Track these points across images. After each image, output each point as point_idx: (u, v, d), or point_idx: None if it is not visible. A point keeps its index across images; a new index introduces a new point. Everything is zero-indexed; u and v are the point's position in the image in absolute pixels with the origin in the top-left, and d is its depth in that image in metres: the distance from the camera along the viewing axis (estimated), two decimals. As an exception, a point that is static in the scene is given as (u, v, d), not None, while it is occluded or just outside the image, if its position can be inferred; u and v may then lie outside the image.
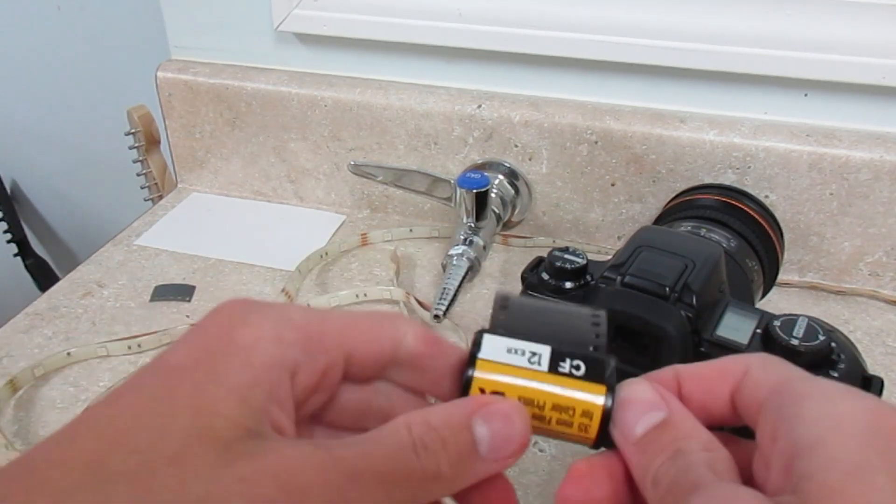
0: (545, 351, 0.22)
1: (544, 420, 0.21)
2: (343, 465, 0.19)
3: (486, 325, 0.23)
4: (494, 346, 0.22)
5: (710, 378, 0.23)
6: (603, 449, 0.22)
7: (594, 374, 0.22)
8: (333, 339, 0.22)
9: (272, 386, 0.20)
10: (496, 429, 0.20)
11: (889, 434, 0.18)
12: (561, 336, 0.22)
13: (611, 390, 0.21)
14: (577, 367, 0.21)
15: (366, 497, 0.19)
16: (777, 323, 0.38)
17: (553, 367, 0.21)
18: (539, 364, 0.21)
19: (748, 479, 0.20)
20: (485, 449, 0.20)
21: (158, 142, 0.80)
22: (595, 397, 0.21)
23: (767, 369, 0.22)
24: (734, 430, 0.23)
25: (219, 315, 0.22)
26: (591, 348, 0.22)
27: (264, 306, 0.22)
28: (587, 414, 0.21)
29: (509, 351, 0.22)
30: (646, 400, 0.22)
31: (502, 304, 0.23)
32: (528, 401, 0.21)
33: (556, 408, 0.21)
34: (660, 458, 0.20)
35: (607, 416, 0.21)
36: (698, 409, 0.22)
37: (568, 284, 0.43)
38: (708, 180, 0.60)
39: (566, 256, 0.43)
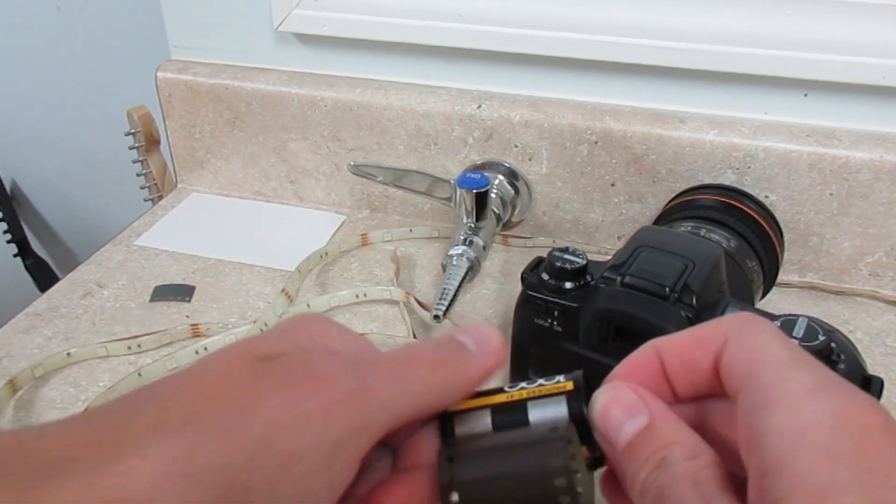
0: (517, 384, 0.23)
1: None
2: (361, 361, 0.21)
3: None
4: None
5: (689, 349, 0.22)
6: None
7: (565, 378, 0.23)
8: (381, 416, 0.21)
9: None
10: (475, 335, 0.23)
11: (855, 437, 0.17)
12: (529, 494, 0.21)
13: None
14: (550, 379, 0.23)
15: (385, 384, 0.21)
16: (777, 323, 0.38)
17: (522, 386, 0.23)
18: (512, 388, 0.23)
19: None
20: (473, 347, 0.23)
21: (158, 142, 0.80)
22: (566, 384, 0.23)
23: (744, 344, 0.21)
24: None
25: (299, 316, 0.24)
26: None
27: (332, 322, 0.24)
28: (559, 387, 0.23)
29: None
30: (626, 403, 0.21)
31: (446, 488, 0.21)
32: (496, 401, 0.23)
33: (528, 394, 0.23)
34: (645, 468, 0.20)
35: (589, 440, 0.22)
36: (684, 383, 0.22)
37: (568, 284, 0.43)
38: (708, 180, 0.60)
39: (566, 256, 0.43)
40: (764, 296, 0.55)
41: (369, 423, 0.20)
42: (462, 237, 0.60)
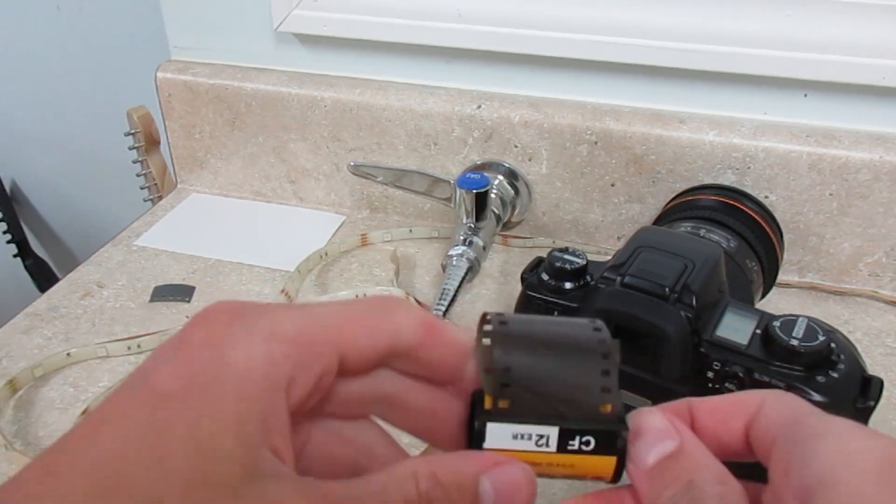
0: (552, 432, 0.21)
1: (555, 477, 0.21)
2: None
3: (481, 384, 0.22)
4: (498, 435, 0.21)
5: (724, 411, 0.23)
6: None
7: (605, 448, 0.21)
8: (327, 343, 0.21)
9: (267, 413, 0.19)
10: (502, 492, 0.20)
11: None
12: (567, 399, 0.21)
13: (621, 455, 0.21)
14: (587, 443, 0.21)
15: None
16: (777, 323, 0.38)
17: (562, 447, 0.21)
18: (547, 445, 0.21)
19: None
20: None
21: (158, 142, 0.80)
22: (606, 466, 0.21)
23: (782, 405, 0.22)
24: (746, 466, 0.22)
25: (205, 328, 0.20)
26: (600, 411, 0.21)
27: (251, 316, 0.21)
28: (598, 477, 0.21)
29: (515, 437, 0.21)
30: (658, 429, 0.22)
31: (502, 374, 0.21)
32: (537, 471, 0.21)
33: (566, 476, 0.21)
34: (671, 489, 0.20)
35: (622, 462, 0.21)
36: (711, 441, 0.22)
37: (568, 285, 0.43)
38: (708, 181, 0.60)
39: (566, 257, 0.43)
40: (764, 296, 0.55)
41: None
42: (462, 237, 0.60)
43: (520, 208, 0.66)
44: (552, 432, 0.20)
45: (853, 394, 0.36)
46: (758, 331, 0.39)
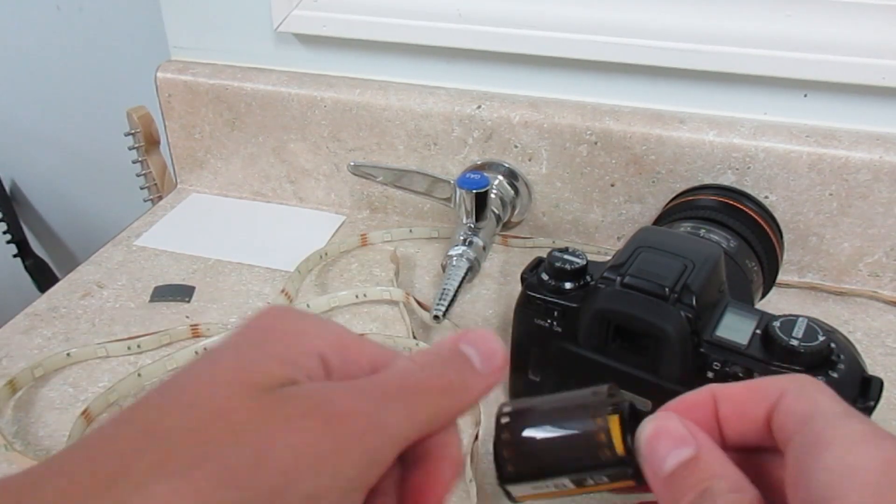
0: (566, 481, 0.23)
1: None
2: (370, 393, 0.21)
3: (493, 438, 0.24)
4: (521, 489, 0.24)
5: (746, 399, 0.23)
6: None
7: (619, 478, 0.22)
8: (364, 357, 0.23)
9: (309, 367, 0.21)
10: (481, 347, 0.23)
11: None
12: (570, 455, 0.23)
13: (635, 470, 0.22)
14: (601, 480, 0.23)
15: (395, 415, 0.20)
16: (777, 323, 0.38)
17: (580, 485, 0.23)
18: (566, 486, 0.23)
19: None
20: (478, 363, 0.23)
21: (158, 142, 0.80)
22: (626, 485, 0.23)
23: (801, 397, 0.21)
24: None
25: (266, 312, 0.23)
26: (600, 455, 0.23)
27: (310, 313, 0.23)
28: (622, 491, 0.23)
29: (535, 488, 0.24)
30: (675, 435, 0.22)
31: (507, 448, 0.24)
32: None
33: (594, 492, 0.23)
34: (687, 496, 0.20)
35: (638, 477, 0.22)
36: (735, 430, 0.22)
37: (567, 285, 0.43)
38: (707, 181, 0.60)
39: (566, 257, 0.43)
40: (764, 296, 0.55)
41: (382, 456, 0.20)
42: (462, 237, 0.60)
43: (520, 208, 0.66)
44: (567, 481, 0.23)
45: (853, 394, 0.36)
46: (758, 331, 0.39)
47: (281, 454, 0.18)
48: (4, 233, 1.18)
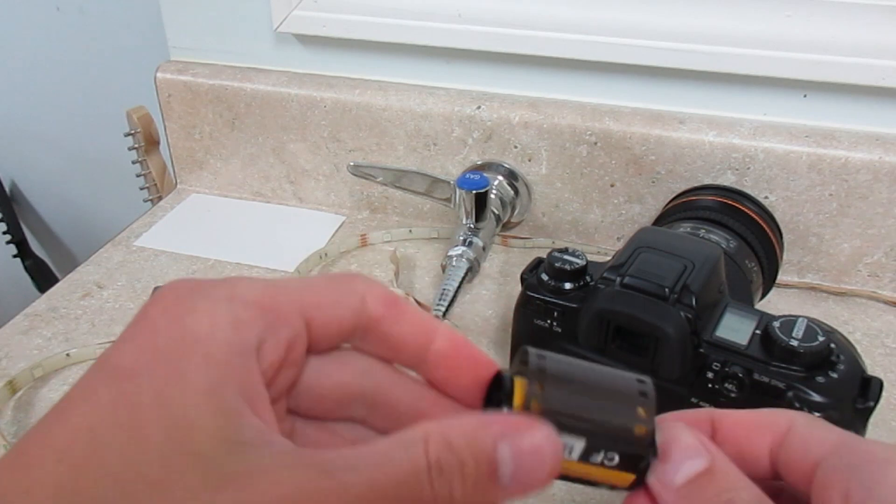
0: (579, 443, 0.20)
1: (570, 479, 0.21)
2: (346, 494, 0.16)
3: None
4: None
5: (748, 427, 0.22)
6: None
7: (627, 467, 0.20)
8: (291, 307, 0.20)
9: (241, 379, 0.18)
10: (523, 461, 0.18)
11: None
12: (601, 412, 0.20)
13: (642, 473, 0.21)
14: (611, 459, 0.20)
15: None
16: (776, 324, 0.38)
17: (584, 458, 0.20)
18: (570, 455, 0.20)
19: None
20: (507, 479, 0.18)
21: (158, 143, 0.80)
22: (622, 480, 0.21)
23: (817, 429, 0.21)
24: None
25: (163, 302, 0.19)
26: (633, 431, 0.20)
27: (210, 286, 0.20)
28: (613, 487, 0.21)
29: None
30: (687, 446, 0.20)
31: (538, 374, 0.20)
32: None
33: (578, 479, 0.21)
34: None
35: (640, 480, 0.21)
36: (732, 459, 0.21)
37: (567, 285, 0.43)
38: (707, 181, 0.60)
39: (565, 257, 0.43)
40: (763, 296, 0.55)
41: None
42: (461, 238, 0.60)
43: (519, 209, 0.66)
44: (578, 443, 0.20)
45: (853, 394, 0.36)
46: (757, 331, 0.39)
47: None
48: (4, 233, 1.18)
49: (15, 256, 1.19)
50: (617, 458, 0.20)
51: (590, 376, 0.21)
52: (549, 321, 0.43)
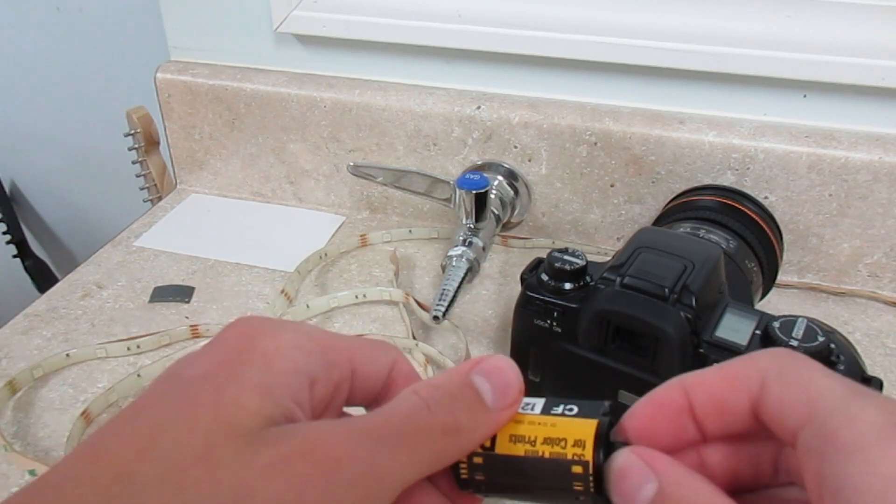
0: (539, 401, 0.22)
1: (536, 453, 0.21)
2: (367, 434, 0.19)
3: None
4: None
5: (721, 389, 0.21)
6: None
7: (588, 412, 0.21)
8: (344, 354, 0.22)
9: (293, 389, 0.20)
10: (494, 380, 0.21)
11: None
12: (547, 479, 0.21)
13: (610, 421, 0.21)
14: (571, 409, 0.22)
15: (394, 460, 0.19)
16: (776, 324, 0.38)
17: (546, 410, 0.22)
18: (532, 409, 0.22)
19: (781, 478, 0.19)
20: (490, 399, 0.21)
21: (157, 143, 0.80)
22: (588, 427, 0.21)
23: (788, 382, 0.19)
24: None
25: (237, 327, 0.22)
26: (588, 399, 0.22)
27: (279, 320, 0.23)
28: (579, 443, 0.21)
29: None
30: (632, 471, 0.20)
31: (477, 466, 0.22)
32: (519, 437, 0.21)
33: (547, 442, 0.21)
34: None
35: (605, 434, 0.21)
36: (715, 424, 0.21)
37: (567, 285, 0.43)
38: (707, 181, 0.60)
39: (565, 257, 0.43)
40: (763, 297, 0.55)
41: (380, 497, 0.19)
42: (461, 238, 0.60)
43: (519, 209, 0.66)
44: (538, 401, 0.22)
45: (853, 394, 0.36)
46: (757, 331, 0.39)
47: (263, 503, 0.17)
48: (4, 233, 1.18)
49: (15, 256, 1.19)
50: (576, 409, 0.22)
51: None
52: (549, 321, 0.43)
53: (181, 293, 0.61)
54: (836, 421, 0.18)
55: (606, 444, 0.21)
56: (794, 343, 0.36)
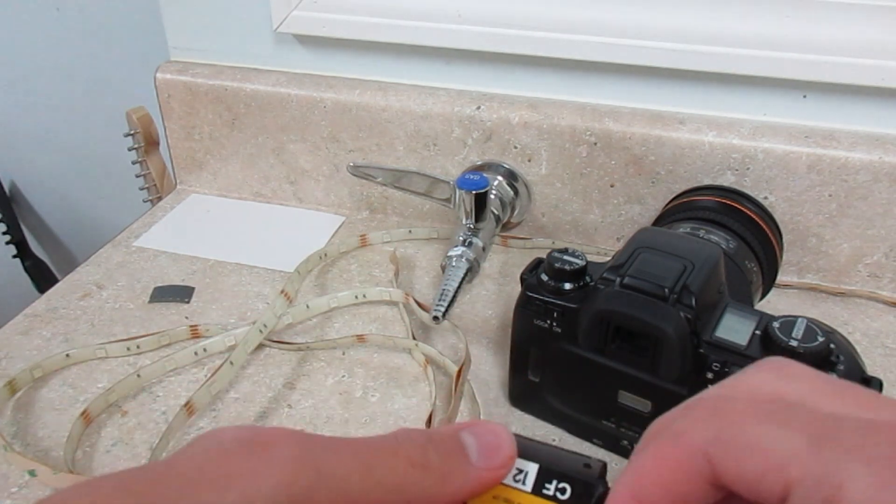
0: (532, 469, 0.21)
1: None
2: (317, 439, 0.19)
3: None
4: None
5: (669, 485, 0.18)
6: None
7: (580, 499, 0.20)
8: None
9: None
10: (483, 439, 0.20)
11: None
12: (552, 453, 0.21)
13: None
14: (563, 491, 0.20)
15: (338, 464, 0.18)
16: (776, 324, 0.38)
17: (537, 489, 0.20)
18: (524, 483, 0.21)
19: None
20: (475, 455, 0.20)
21: (157, 143, 0.80)
22: None
23: (738, 455, 0.17)
24: None
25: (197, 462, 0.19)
26: (580, 468, 0.21)
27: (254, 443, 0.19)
28: None
29: None
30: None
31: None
32: None
33: None
34: None
35: None
36: None
37: (567, 285, 0.43)
38: (707, 181, 0.60)
39: (565, 258, 0.43)
40: (763, 297, 0.55)
41: (309, 491, 0.18)
42: (461, 238, 0.60)
43: (519, 209, 0.66)
44: (532, 468, 0.21)
45: (852, 394, 0.36)
46: (757, 331, 0.39)
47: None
48: (4, 233, 1.18)
49: (15, 257, 1.19)
50: (569, 490, 0.20)
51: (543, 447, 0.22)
52: (548, 321, 0.43)
53: (181, 293, 0.61)
54: (820, 495, 0.16)
55: None
56: (794, 343, 0.37)
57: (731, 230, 0.52)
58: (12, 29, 1.03)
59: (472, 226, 0.61)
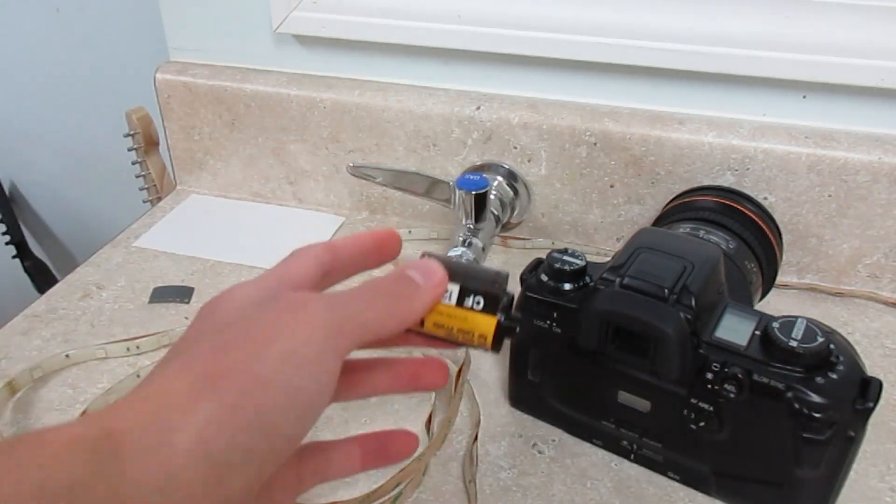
0: (455, 289, 0.29)
1: (454, 338, 0.29)
2: (329, 295, 0.27)
3: None
4: None
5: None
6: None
7: (490, 307, 0.29)
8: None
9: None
10: (422, 268, 0.29)
11: None
12: (470, 273, 0.29)
13: (505, 317, 0.29)
14: (478, 303, 0.29)
15: (355, 303, 0.27)
16: (776, 324, 0.38)
17: (460, 301, 0.29)
18: (449, 299, 0.29)
19: None
20: (420, 280, 0.28)
21: (157, 143, 0.80)
22: (489, 325, 0.29)
23: None
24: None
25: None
26: (492, 281, 0.29)
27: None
28: (483, 337, 0.29)
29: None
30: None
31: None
32: (440, 325, 0.29)
33: (460, 331, 0.29)
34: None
35: (501, 330, 0.29)
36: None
37: (567, 286, 0.43)
38: (707, 182, 0.60)
39: (565, 258, 0.43)
40: (763, 297, 0.55)
41: (343, 325, 0.26)
42: (461, 239, 0.60)
43: (519, 209, 0.66)
44: (455, 288, 0.29)
45: (852, 395, 0.36)
46: (757, 332, 0.39)
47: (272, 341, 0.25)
48: (3, 234, 1.18)
49: (14, 257, 1.19)
50: (482, 301, 0.29)
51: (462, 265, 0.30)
52: (548, 322, 0.43)
53: (181, 294, 0.61)
54: None
55: (499, 336, 0.29)
56: (794, 343, 0.37)
57: (730, 230, 0.52)
58: (12, 29, 1.03)
59: (471, 226, 0.61)
